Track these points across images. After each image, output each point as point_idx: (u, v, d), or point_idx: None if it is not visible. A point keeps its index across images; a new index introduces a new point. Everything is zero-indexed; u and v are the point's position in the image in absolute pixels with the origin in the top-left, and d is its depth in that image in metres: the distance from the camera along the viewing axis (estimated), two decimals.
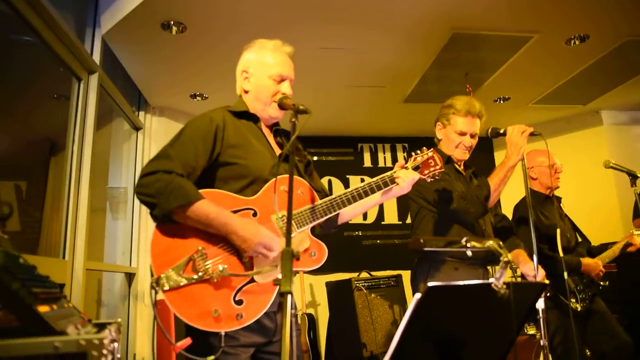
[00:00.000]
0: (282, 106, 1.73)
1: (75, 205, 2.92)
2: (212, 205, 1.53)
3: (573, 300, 2.68)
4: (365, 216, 5.31)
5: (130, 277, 3.95)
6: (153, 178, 1.52)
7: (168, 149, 1.60)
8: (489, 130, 2.24)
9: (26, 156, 3.99)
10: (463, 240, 1.31)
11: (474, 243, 1.31)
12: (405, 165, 1.86)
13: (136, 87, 4.06)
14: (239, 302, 1.54)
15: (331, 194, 1.80)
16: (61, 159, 3.08)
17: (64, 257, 2.79)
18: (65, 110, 3.09)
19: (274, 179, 1.64)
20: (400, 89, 4.29)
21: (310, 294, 4.89)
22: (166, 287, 1.48)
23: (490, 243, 1.24)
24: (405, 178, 1.80)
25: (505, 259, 1.20)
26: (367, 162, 5.53)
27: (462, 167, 2.40)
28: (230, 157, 1.65)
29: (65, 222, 2.87)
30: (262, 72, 1.76)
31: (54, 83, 3.30)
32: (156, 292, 1.48)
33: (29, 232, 3.94)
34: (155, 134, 4.39)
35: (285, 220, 1.59)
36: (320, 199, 1.73)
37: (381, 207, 5.39)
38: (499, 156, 5.70)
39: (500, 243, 1.24)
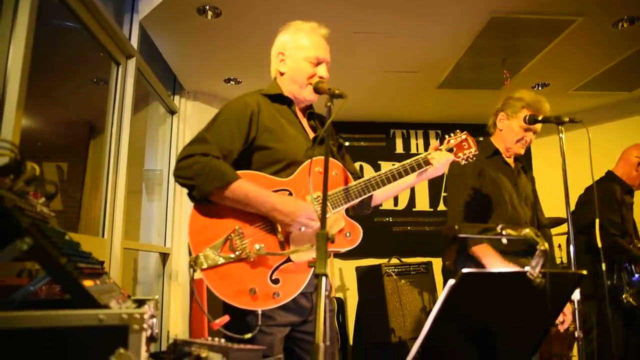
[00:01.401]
0: (317, 90, 1.73)
1: (113, 187, 3.01)
2: (250, 184, 1.57)
3: (626, 293, 2.60)
4: (396, 202, 5.29)
5: (164, 257, 4.06)
6: (191, 161, 1.55)
7: (204, 133, 1.63)
8: (527, 118, 2.19)
9: (67, 138, 4.15)
10: (498, 228, 1.29)
11: (509, 231, 1.28)
12: (439, 147, 1.84)
13: (172, 72, 4.13)
14: (276, 281, 1.57)
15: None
16: (100, 142, 3.17)
17: (103, 236, 2.90)
18: (104, 94, 3.17)
19: (308, 161, 1.66)
20: (434, 75, 4.23)
21: (339, 278, 4.93)
22: (204, 266, 1.52)
23: (526, 231, 1.22)
24: (440, 159, 1.81)
25: (542, 248, 1.18)
26: (399, 148, 5.48)
27: (511, 160, 2.36)
28: (266, 141, 1.67)
29: (105, 203, 2.96)
30: (299, 54, 1.76)
31: (93, 68, 3.40)
32: (194, 271, 1.52)
33: (70, 212, 4.11)
34: (190, 117, 4.46)
35: (321, 200, 1.60)
36: (354, 180, 1.74)
37: (412, 193, 5.35)
38: (534, 147, 5.55)
39: (537, 232, 1.22)
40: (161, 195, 4.19)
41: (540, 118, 2.15)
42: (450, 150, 1.87)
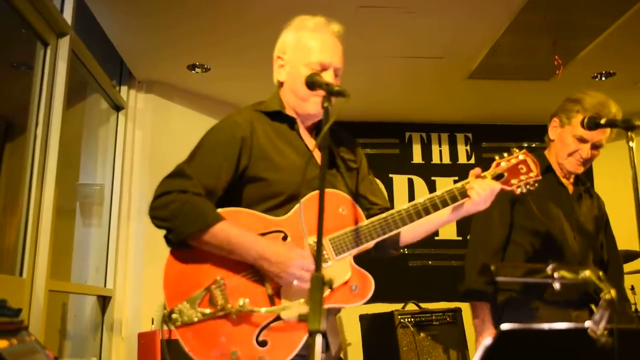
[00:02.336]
0: (310, 85, 1.75)
1: (37, 207, 3.00)
2: (233, 227, 1.67)
3: None
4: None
5: (104, 301, 4.02)
6: (168, 199, 1.68)
7: (184, 166, 1.75)
8: (584, 121, 2.20)
9: None
10: (549, 269, 1.29)
11: (563, 273, 1.28)
12: (482, 174, 1.85)
13: (118, 55, 4.15)
14: (263, 344, 1.65)
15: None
16: (20, 146, 3.16)
17: (21, 275, 2.87)
18: (26, 82, 3.17)
19: (307, 196, 1.71)
20: (463, 62, 4.25)
21: (342, 330, 4.90)
22: (178, 323, 1.63)
23: (586, 274, 1.22)
24: (481, 190, 1.80)
25: (607, 297, 1.17)
26: (417, 157, 5.50)
27: (570, 180, 2.38)
28: (260, 171, 1.76)
29: (25, 229, 2.94)
30: (299, 58, 1.82)
31: (12, 48, 3.40)
32: (169, 329, 1.64)
33: None
34: (142, 115, 4.46)
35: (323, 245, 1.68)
36: (375, 214, 1.79)
37: None
38: (596, 159, 5.57)
39: (601, 274, 1.22)
40: (101, 219, 4.17)
41: (603, 122, 2.16)
42: (498, 176, 1.86)
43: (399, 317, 3.99)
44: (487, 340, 1.14)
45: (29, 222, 2.95)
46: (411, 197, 5.36)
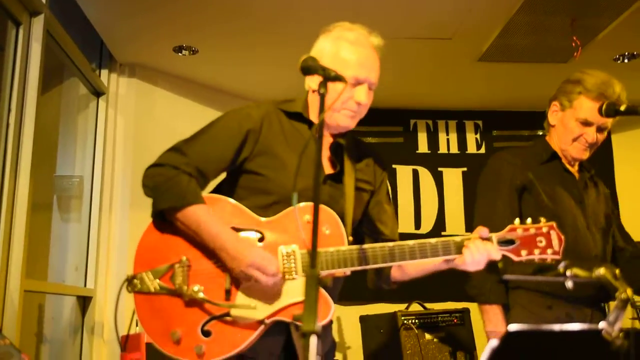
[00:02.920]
0: (305, 70, 1.76)
1: (10, 201, 3.00)
2: (207, 213, 1.82)
3: None
4: (418, 223, 5.30)
5: (84, 302, 4.03)
6: (158, 170, 1.86)
7: (184, 143, 1.92)
8: (603, 106, 2.21)
9: None
10: (561, 266, 1.31)
11: (577, 270, 1.30)
12: (489, 236, 1.84)
13: (98, 36, 4.13)
14: (206, 333, 1.81)
15: None
16: None
17: None
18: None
19: (297, 205, 1.80)
20: (473, 43, 4.25)
21: (337, 331, 4.92)
22: (137, 288, 1.85)
23: (600, 272, 1.23)
24: (475, 252, 1.80)
25: (623, 296, 1.19)
26: (423, 146, 5.50)
27: (575, 167, 2.38)
28: (259, 167, 1.90)
29: None
30: (336, 69, 1.82)
31: None
32: (128, 291, 1.88)
33: None
34: (124, 101, 4.46)
35: (291, 257, 1.81)
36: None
37: (442, 210, 5.37)
38: (617, 147, 5.59)
39: (617, 272, 1.23)
40: (80, 214, 4.18)
41: (623, 108, 2.17)
42: (507, 242, 1.85)
43: (402, 318, 4.00)
44: (493, 341, 1.15)
45: (1, 217, 2.95)
46: (416, 189, 5.37)
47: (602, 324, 1.22)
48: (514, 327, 1.16)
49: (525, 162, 2.31)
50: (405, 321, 3.99)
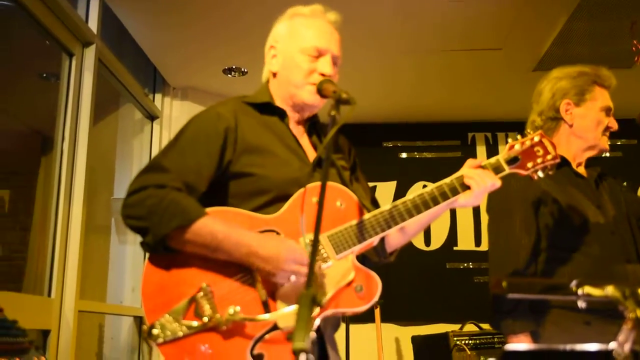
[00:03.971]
0: (321, 92, 1.79)
1: (65, 223, 3.16)
2: (219, 222, 1.63)
3: None
4: (479, 241, 5.21)
5: (141, 322, 4.17)
6: (143, 195, 1.63)
7: (161, 158, 1.72)
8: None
9: (9, 156, 4.38)
10: (573, 284, 1.28)
11: (589, 289, 1.27)
12: (483, 164, 1.83)
13: (150, 63, 4.32)
14: (258, 357, 1.60)
15: None
16: (51, 160, 3.34)
17: (49, 295, 3.03)
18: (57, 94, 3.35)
19: (301, 190, 1.71)
20: (525, 52, 4.19)
21: (395, 352, 4.89)
22: (160, 340, 1.57)
23: (609, 290, 1.20)
24: (481, 181, 1.77)
25: (632, 315, 1.15)
26: (483, 159, 5.42)
27: (582, 168, 2.32)
28: (246, 166, 1.75)
29: (52, 247, 3.11)
30: (293, 45, 1.85)
31: (40, 59, 3.61)
32: (150, 346, 1.59)
33: (17, 258, 4.32)
34: (177, 122, 4.61)
35: (321, 244, 1.68)
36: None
37: None
38: None
39: (627, 291, 1.19)
40: (137, 236, 4.31)
41: None
42: (512, 161, 1.85)
43: (455, 338, 3.93)
44: None
45: (56, 240, 3.11)
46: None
47: (612, 344, 1.19)
48: (511, 347, 1.13)
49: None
50: (457, 342, 3.92)
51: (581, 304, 1.31)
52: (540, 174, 1.89)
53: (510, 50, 4.15)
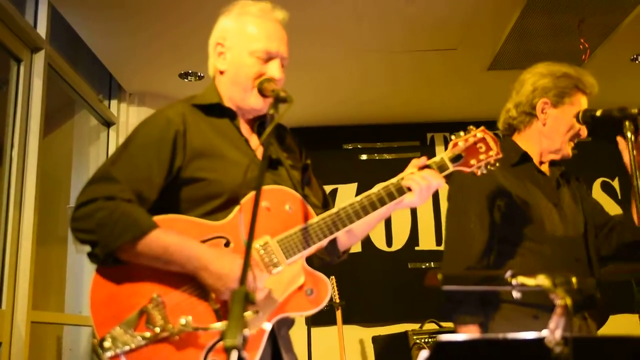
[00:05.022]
0: (262, 92, 1.79)
1: (15, 234, 3.10)
2: (171, 234, 1.63)
3: None
4: (439, 239, 5.24)
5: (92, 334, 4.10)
6: (92, 207, 1.61)
7: (109, 167, 1.70)
8: (580, 114, 2.18)
9: None
10: (507, 275, 1.28)
11: (523, 279, 1.27)
12: (428, 163, 1.84)
13: (105, 69, 4.26)
14: None
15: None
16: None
17: (0, 306, 2.97)
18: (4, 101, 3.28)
19: (250, 194, 1.69)
20: (479, 52, 4.23)
21: (359, 354, 4.89)
22: (111, 353, 1.55)
23: (539, 279, 1.21)
24: (422, 182, 1.78)
25: (562, 303, 1.16)
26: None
27: (546, 166, 2.34)
28: (196, 171, 1.74)
29: (2, 258, 3.04)
30: (242, 46, 1.82)
31: None
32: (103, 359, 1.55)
33: None
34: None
35: (268, 249, 1.69)
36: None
37: None
38: None
39: (558, 279, 1.20)
40: None
41: (599, 114, 2.11)
42: (456, 158, 1.86)
43: (414, 337, 3.94)
44: (423, 353, 1.13)
45: (6, 250, 3.05)
46: (436, 204, 5.33)
47: (544, 332, 1.20)
48: (444, 337, 1.13)
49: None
50: (417, 340, 3.93)
51: (516, 294, 1.32)
52: (484, 170, 1.90)
53: (465, 49, 4.18)
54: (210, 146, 1.77)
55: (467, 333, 2.09)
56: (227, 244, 1.70)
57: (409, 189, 1.80)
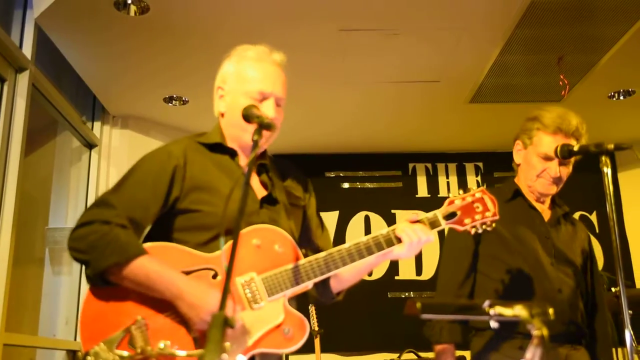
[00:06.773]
0: (246, 118, 1.83)
1: None
2: (154, 262, 1.71)
3: None
4: (419, 269, 5.25)
5: (74, 356, 4.03)
6: (87, 230, 1.72)
7: (110, 195, 1.81)
8: (558, 148, 2.23)
9: None
10: (485, 305, 1.29)
11: (500, 309, 1.28)
12: (420, 219, 1.88)
13: (89, 91, 4.25)
14: None
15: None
16: None
17: None
18: None
19: (247, 229, 1.77)
20: (461, 85, 4.30)
21: None
22: None
23: (517, 309, 1.22)
24: (413, 236, 1.83)
25: (538, 333, 1.17)
26: (423, 190, 5.50)
27: (546, 204, 2.40)
28: (193, 203, 1.82)
29: None
30: (239, 88, 1.89)
31: None
32: None
33: None
34: (117, 152, 4.55)
35: (252, 285, 1.75)
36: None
37: None
38: (625, 186, 5.51)
39: (535, 310, 1.21)
40: (72, 267, 4.20)
41: (576, 149, 2.19)
42: (449, 216, 1.90)
43: None
44: None
45: None
46: None
47: None
48: None
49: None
50: None
51: (493, 323, 1.34)
52: (479, 229, 1.93)
53: (447, 82, 4.23)
54: (208, 180, 1.84)
55: (442, 352, 2.15)
56: (214, 276, 1.76)
57: (399, 240, 1.85)
